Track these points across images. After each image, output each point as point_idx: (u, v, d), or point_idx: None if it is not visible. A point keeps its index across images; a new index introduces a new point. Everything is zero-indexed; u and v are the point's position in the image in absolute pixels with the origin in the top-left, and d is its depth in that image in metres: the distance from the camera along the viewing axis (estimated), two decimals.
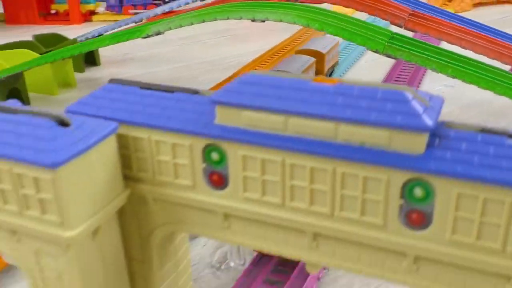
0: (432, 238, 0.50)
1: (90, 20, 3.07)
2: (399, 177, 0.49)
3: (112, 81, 0.63)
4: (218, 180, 0.58)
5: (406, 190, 0.49)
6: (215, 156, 0.57)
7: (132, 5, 3.01)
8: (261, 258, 0.91)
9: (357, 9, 1.41)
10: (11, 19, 2.94)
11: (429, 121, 0.47)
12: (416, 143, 0.48)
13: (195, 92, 0.60)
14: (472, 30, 1.41)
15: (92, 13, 3.11)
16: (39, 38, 2.06)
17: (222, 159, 0.56)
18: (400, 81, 1.91)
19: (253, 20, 1.28)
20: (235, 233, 0.61)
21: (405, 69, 2.01)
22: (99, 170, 0.56)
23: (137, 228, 0.67)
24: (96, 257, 0.60)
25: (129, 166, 0.62)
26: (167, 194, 0.61)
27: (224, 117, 0.55)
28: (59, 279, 0.59)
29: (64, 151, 0.51)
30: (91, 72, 2.14)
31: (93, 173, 0.55)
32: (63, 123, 0.53)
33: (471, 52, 1.34)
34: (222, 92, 0.54)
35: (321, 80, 0.53)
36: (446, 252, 0.50)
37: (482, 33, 1.40)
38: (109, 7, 3.10)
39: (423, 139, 0.48)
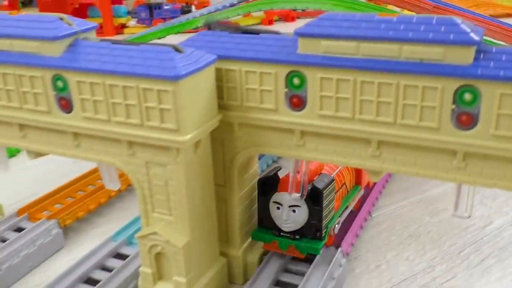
0: (478, 136, 0.62)
1: (122, 33, 3.25)
2: (452, 85, 0.62)
3: (208, 24, 0.77)
4: (297, 102, 0.71)
5: (457, 96, 0.62)
6: (296, 81, 0.70)
7: (162, 18, 3.20)
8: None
9: (385, 2, 1.55)
10: None
11: (476, 37, 0.60)
12: (466, 56, 0.61)
13: (277, 33, 0.74)
14: (491, 21, 1.54)
15: (124, 26, 3.29)
16: None
17: (302, 83, 0.69)
18: None
19: (294, 10, 1.41)
20: (309, 150, 0.73)
21: None
22: (204, 90, 0.69)
23: (221, 154, 0.80)
24: (196, 169, 0.72)
25: (220, 96, 0.75)
26: (252, 118, 0.74)
27: (305, 47, 0.68)
28: (165, 186, 0.72)
29: (183, 69, 0.64)
30: None
31: (200, 92, 0.68)
32: (178, 51, 0.67)
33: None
34: (305, 26, 0.68)
35: (385, 15, 0.66)
36: (491, 146, 0.62)
37: (501, 25, 1.53)
38: (140, 20, 3.29)
39: (471, 52, 0.60)
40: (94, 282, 0.83)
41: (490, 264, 0.89)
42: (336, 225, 0.88)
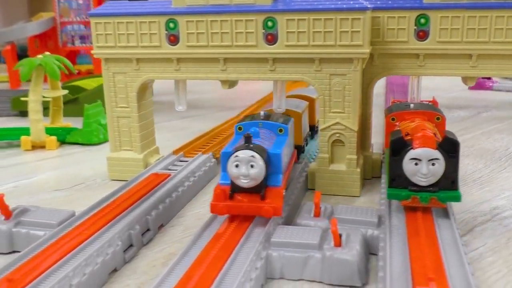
0: (429, 43, 1.05)
1: None
2: (414, 14, 1.05)
3: None
4: (423, 35, 1.10)
5: (416, 20, 1.05)
6: (422, 21, 1.10)
7: None
8: None
9: None
10: None
11: None
12: None
13: None
14: None
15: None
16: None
17: (426, 22, 1.09)
18: None
19: None
20: (427, 69, 1.12)
21: None
22: (370, 22, 1.07)
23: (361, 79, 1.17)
24: (360, 79, 1.08)
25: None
26: (388, 49, 1.12)
27: None
28: (342, 90, 1.07)
29: (366, 6, 1.02)
30: None
31: (369, 22, 1.06)
32: None
33: None
34: None
35: None
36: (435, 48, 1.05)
37: None
38: None
39: None
40: None
41: None
42: None
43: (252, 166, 0.82)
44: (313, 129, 1.42)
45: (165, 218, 0.98)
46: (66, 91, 1.73)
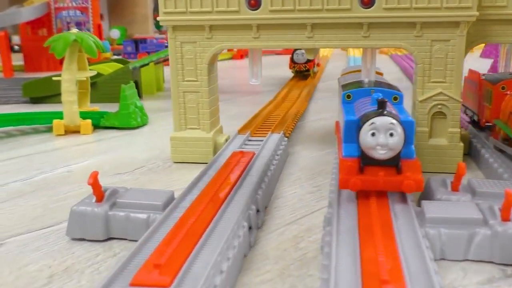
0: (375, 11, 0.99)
1: None
2: None
3: None
4: None
5: None
6: None
7: (147, 51, 3.37)
8: None
9: None
10: (32, 67, 3.13)
11: None
12: None
13: None
14: None
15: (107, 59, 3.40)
16: (114, 60, 2.38)
17: None
18: None
19: None
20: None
21: None
22: None
23: None
24: (464, 47, 1.00)
25: None
26: (487, 14, 1.04)
27: None
28: (444, 58, 0.98)
29: None
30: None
31: None
32: None
33: None
34: None
35: None
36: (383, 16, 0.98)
37: None
38: (125, 54, 3.42)
39: None
40: None
41: None
42: None
43: (391, 134, 0.72)
44: None
45: (266, 199, 0.87)
46: (94, 72, 1.59)
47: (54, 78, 1.45)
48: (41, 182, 1.03)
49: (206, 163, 1.07)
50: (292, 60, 2.44)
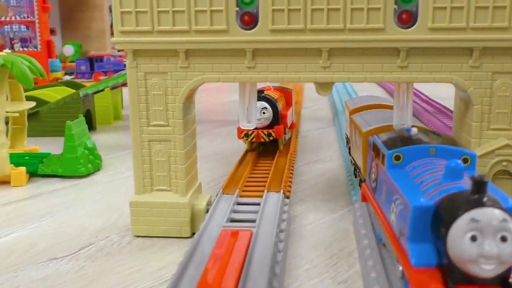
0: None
1: None
2: None
3: None
4: None
5: None
6: None
7: (103, 71, 3.03)
8: None
9: None
10: None
11: None
12: None
13: None
14: None
15: (57, 80, 3.04)
16: (63, 83, 2.05)
17: None
18: None
19: None
20: None
21: None
22: None
23: None
24: None
25: None
26: None
27: None
28: (509, 97, 0.72)
29: None
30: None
31: None
32: None
33: None
34: None
35: None
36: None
37: None
38: (79, 74, 3.06)
39: None
40: None
41: None
42: None
43: (503, 238, 0.44)
44: None
45: None
46: (33, 103, 1.26)
47: None
48: None
49: (180, 237, 0.78)
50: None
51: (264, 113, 1.16)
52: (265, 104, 1.16)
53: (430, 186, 0.51)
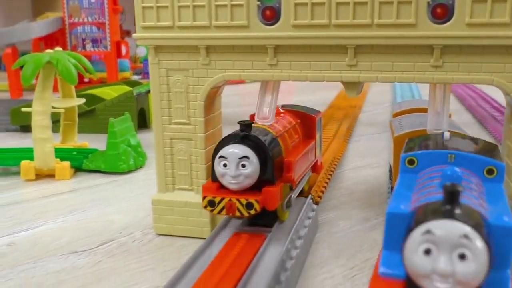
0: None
1: None
2: None
3: None
4: None
5: None
6: None
7: None
8: None
9: None
10: None
11: None
12: None
13: None
14: None
15: (125, 79, 3.15)
16: (126, 82, 2.11)
17: None
18: None
19: None
20: None
21: None
22: None
23: None
24: None
25: None
26: None
27: None
28: None
29: None
30: None
31: None
32: None
33: None
34: None
35: None
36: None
37: None
38: (146, 74, 3.16)
39: None
40: None
41: None
42: None
43: (462, 256, 0.38)
44: None
45: None
46: (83, 100, 1.30)
47: (23, 109, 1.16)
48: None
49: (202, 238, 0.76)
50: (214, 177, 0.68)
51: (243, 165, 0.64)
52: (245, 150, 0.64)
53: (421, 194, 0.46)
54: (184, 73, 0.75)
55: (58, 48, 1.22)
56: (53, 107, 1.15)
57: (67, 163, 1.14)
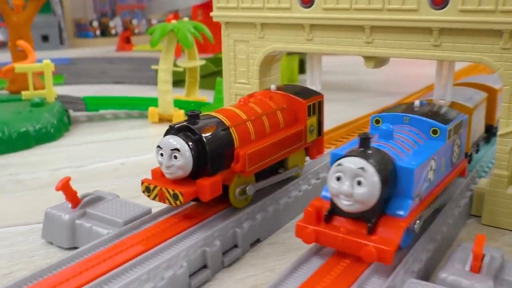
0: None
1: None
2: None
3: None
4: None
5: None
6: None
7: None
8: None
9: None
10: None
11: None
12: None
13: None
14: None
15: None
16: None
17: None
18: None
19: None
20: None
21: None
22: None
23: None
24: None
25: None
26: None
27: None
28: None
29: None
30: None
31: None
32: None
33: None
34: None
35: None
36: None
37: None
38: None
39: None
40: None
41: None
42: None
43: (359, 182, 0.54)
44: (491, 131, 1.05)
45: (265, 232, 0.75)
46: (202, 62, 1.58)
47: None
48: (89, 172, 1.05)
49: None
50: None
51: (175, 157, 0.66)
52: (176, 143, 0.66)
53: None
54: (245, 44, 0.97)
55: (185, 19, 1.50)
56: (175, 66, 1.45)
57: (182, 111, 1.44)
